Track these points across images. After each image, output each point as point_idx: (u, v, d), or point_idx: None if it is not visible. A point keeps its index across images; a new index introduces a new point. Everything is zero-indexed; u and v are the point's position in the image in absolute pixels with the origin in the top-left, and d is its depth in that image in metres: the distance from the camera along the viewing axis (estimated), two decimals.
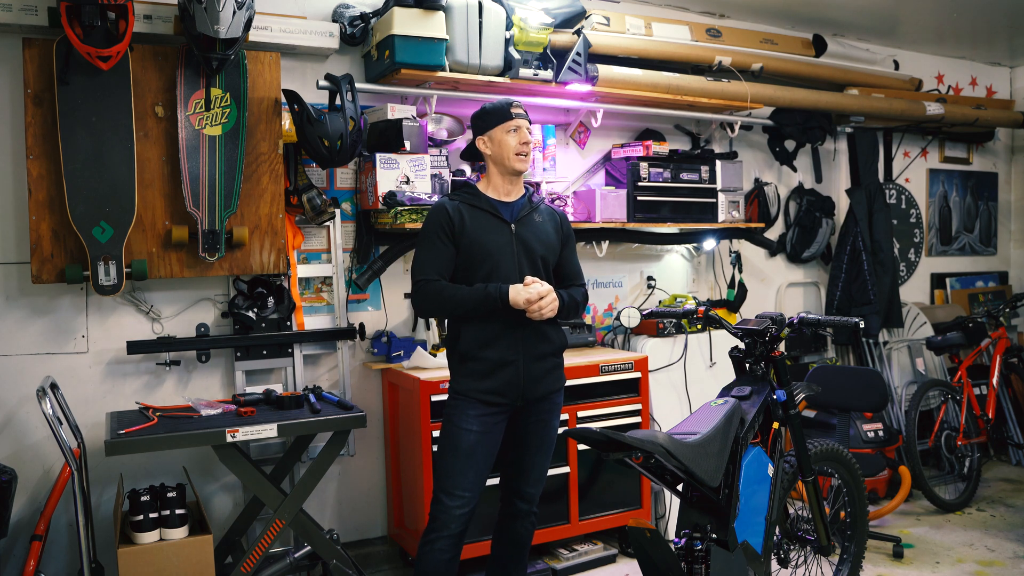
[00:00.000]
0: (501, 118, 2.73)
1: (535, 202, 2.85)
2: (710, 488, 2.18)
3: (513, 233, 2.72)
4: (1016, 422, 5.24)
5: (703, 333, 4.13)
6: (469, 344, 2.66)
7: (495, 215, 2.72)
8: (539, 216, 2.81)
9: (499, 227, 2.71)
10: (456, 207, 2.69)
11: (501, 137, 2.72)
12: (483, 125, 2.76)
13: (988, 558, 3.73)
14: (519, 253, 2.70)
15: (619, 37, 4.00)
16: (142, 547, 2.73)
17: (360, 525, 3.70)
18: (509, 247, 2.69)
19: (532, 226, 2.76)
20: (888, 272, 4.98)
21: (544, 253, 2.75)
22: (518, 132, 2.73)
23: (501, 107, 2.75)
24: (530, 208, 2.81)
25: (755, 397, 2.54)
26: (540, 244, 2.75)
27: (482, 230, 2.68)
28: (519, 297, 2.57)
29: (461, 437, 2.63)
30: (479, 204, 2.72)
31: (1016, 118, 5.64)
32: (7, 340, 3.07)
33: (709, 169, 4.25)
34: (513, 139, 2.72)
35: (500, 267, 2.66)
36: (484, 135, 2.76)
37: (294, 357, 3.43)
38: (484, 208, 2.72)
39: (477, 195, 2.76)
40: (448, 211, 2.67)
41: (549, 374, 2.75)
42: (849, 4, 4.54)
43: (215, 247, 3.13)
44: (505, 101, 2.77)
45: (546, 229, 2.80)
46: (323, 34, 3.39)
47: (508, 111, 2.74)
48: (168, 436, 2.67)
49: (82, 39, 2.79)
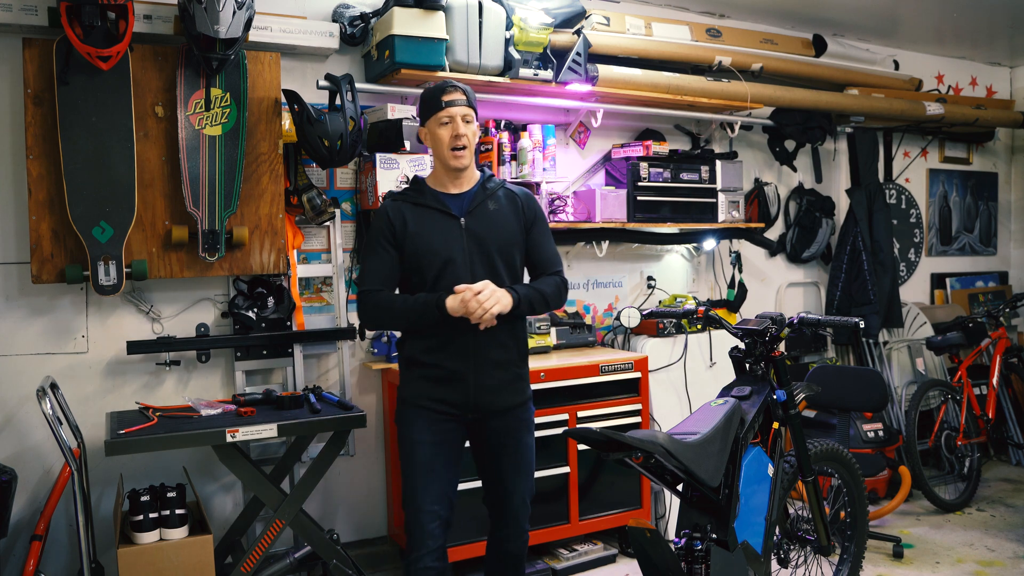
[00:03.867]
0: (432, 107, 2.43)
1: (490, 188, 2.54)
2: (710, 488, 2.18)
3: (463, 228, 2.46)
4: (1016, 422, 5.24)
5: (703, 333, 4.13)
6: (415, 348, 2.48)
7: (441, 210, 2.47)
8: (494, 204, 2.52)
9: (447, 223, 2.46)
10: (397, 208, 2.47)
11: (435, 130, 2.44)
12: (421, 115, 2.49)
13: (988, 558, 3.73)
14: (471, 250, 2.45)
15: (619, 37, 4.00)
16: (142, 547, 2.73)
17: (360, 525, 3.70)
18: (459, 244, 2.44)
19: (485, 217, 2.48)
20: (888, 272, 4.98)
21: (502, 246, 2.48)
22: (451, 124, 2.41)
23: (434, 94, 2.44)
24: (484, 196, 2.52)
25: (755, 397, 2.54)
26: (496, 236, 2.48)
27: (428, 230, 2.44)
28: (455, 305, 2.33)
29: (416, 451, 2.45)
30: (423, 201, 2.48)
31: (1016, 118, 5.64)
32: (7, 340, 3.07)
33: (709, 169, 4.25)
34: (445, 132, 2.42)
35: (451, 268, 2.43)
36: (423, 126, 2.49)
37: (294, 357, 3.43)
38: (429, 204, 2.47)
39: (422, 190, 2.51)
40: (388, 215, 2.47)
41: (509, 386, 2.50)
42: (849, 4, 4.54)
43: (215, 247, 3.13)
44: (439, 86, 2.46)
45: (503, 218, 2.51)
46: (323, 34, 3.39)
47: (439, 99, 2.42)
48: (168, 436, 2.67)
49: (82, 39, 2.79)
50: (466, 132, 2.43)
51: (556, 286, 2.55)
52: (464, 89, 2.47)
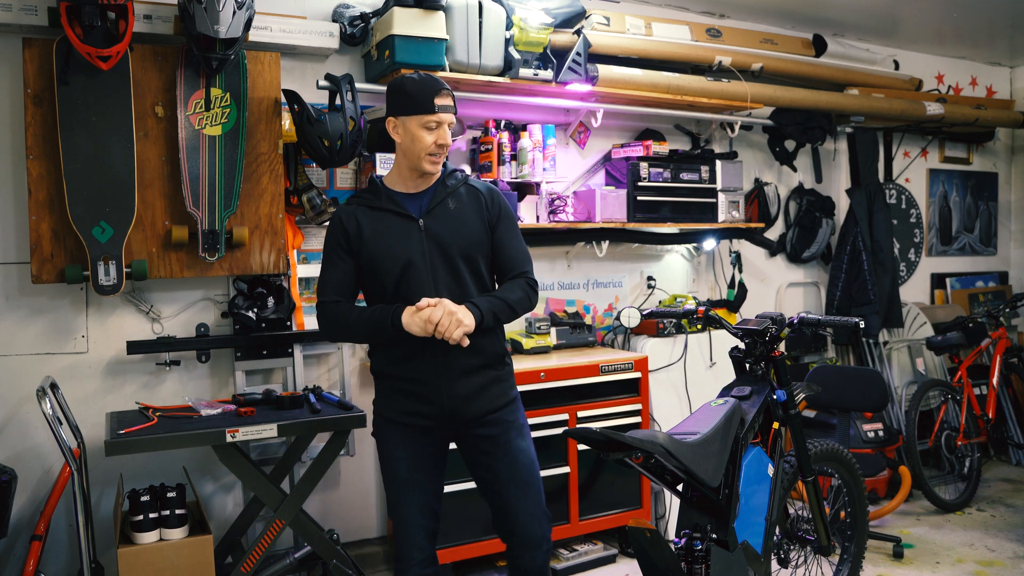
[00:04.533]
0: (421, 107, 2.27)
1: (450, 185, 2.39)
2: (710, 488, 2.18)
3: (422, 230, 2.32)
4: (1016, 422, 5.24)
5: (703, 333, 4.13)
6: (381, 360, 2.38)
7: (399, 213, 2.33)
8: (455, 202, 2.37)
9: (404, 227, 2.32)
10: (351, 213, 2.34)
11: (415, 130, 2.28)
12: (398, 106, 2.31)
13: (988, 558, 3.73)
14: (431, 253, 2.31)
15: (619, 37, 4.00)
16: (142, 547, 2.73)
17: (360, 525, 3.70)
18: (419, 247, 2.30)
19: (445, 217, 2.34)
20: (888, 272, 4.98)
21: (465, 248, 2.34)
22: (437, 130, 2.29)
23: (425, 92, 2.27)
24: (444, 193, 2.37)
25: (755, 397, 2.54)
26: (457, 238, 2.33)
27: (384, 234, 2.31)
28: (412, 325, 2.20)
29: (396, 466, 2.36)
30: (379, 203, 2.35)
31: (1016, 118, 5.64)
32: (7, 340, 3.07)
33: (709, 169, 4.25)
34: (429, 137, 2.28)
35: (412, 272, 2.29)
36: (397, 118, 2.32)
37: (294, 357, 3.43)
38: (385, 207, 2.34)
39: (377, 192, 2.37)
40: (342, 221, 2.33)
41: (485, 391, 2.35)
42: (849, 4, 4.54)
43: (215, 247, 3.13)
44: (432, 85, 2.29)
45: (465, 217, 2.36)
46: (323, 34, 3.39)
47: (431, 101, 2.26)
48: (168, 436, 2.66)
49: (82, 39, 2.79)
50: (448, 143, 2.32)
51: (523, 290, 2.38)
52: (453, 93, 2.35)
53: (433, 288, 2.29)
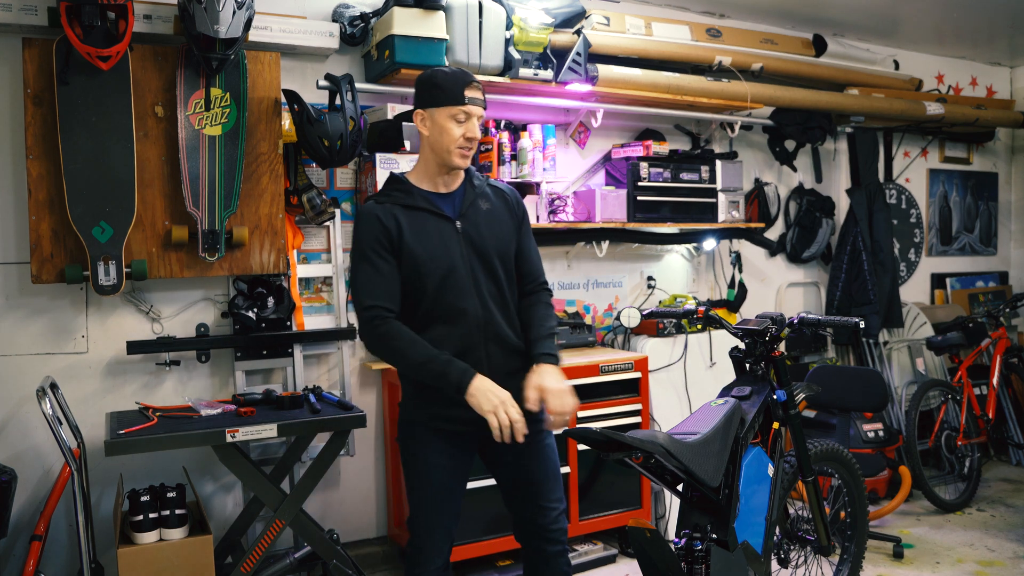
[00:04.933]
0: (450, 98, 2.20)
1: (477, 186, 2.34)
2: (710, 488, 2.18)
3: (460, 232, 2.25)
4: (1016, 422, 5.24)
5: (703, 333, 4.13)
6: None
7: (435, 212, 2.25)
8: (486, 203, 2.32)
9: (442, 228, 2.24)
10: (388, 211, 2.22)
11: (444, 122, 2.21)
12: (427, 98, 2.25)
13: (988, 558, 3.73)
14: (469, 256, 2.25)
15: (619, 37, 4.00)
16: (142, 547, 2.73)
17: (360, 525, 3.70)
18: (458, 250, 2.23)
19: (479, 218, 2.28)
20: (888, 272, 4.98)
21: (500, 250, 2.30)
22: (467, 122, 2.22)
23: (455, 83, 2.21)
24: (474, 193, 2.32)
25: (755, 397, 2.54)
26: (494, 239, 2.28)
27: (424, 236, 2.22)
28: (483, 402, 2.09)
29: (431, 473, 2.29)
30: (414, 203, 2.25)
31: (1016, 118, 5.64)
32: (7, 340, 3.07)
33: (709, 169, 4.25)
34: (458, 130, 2.21)
35: (453, 278, 2.22)
36: (425, 110, 2.25)
37: (294, 357, 3.43)
38: (421, 206, 2.25)
39: (410, 191, 2.27)
40: (380, 218, 2.21)
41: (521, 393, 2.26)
42: (849, 4, 4.54)
43: (215, 247, 3.13)
44: (462, 77, 2.24)
45: (497, 217, 2.32)
46: (323, 34, 3.39)
47: (461, 93, 2.20)
48: (168, 436, 2.66)
49: (82, 39, 2.79)
50: (477, 135, 2.24)
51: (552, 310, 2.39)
52: (482, 87, 2.28)
53: (475, 293, 2.24)
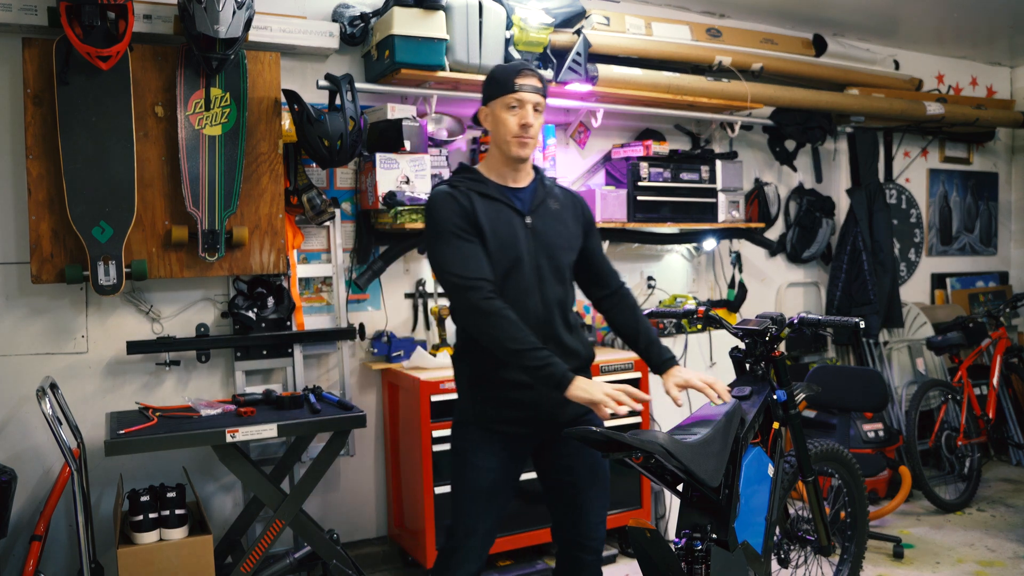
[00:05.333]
0: (502, 88, 2.19)
1: (547, 185, 2.33)
2: (710, 488, 2.18)
3: (529, 228, 2.22)
4: (1016, 422, 5.24)
5: (703, 333, 4.13)
6: (484, 364, 2.19)
7: (508, 204, 2.22)
8: (555, 203, 2.31)
9: (513, 220, 2.20)
10: (465, 194, 2.18)
11: (500, 113, 2.20)
12: (487, 93, 2.26)
13: (988, 558, 3.73)
14: (536, 252, 2.21)
15: (619, 37, 4.00)
16: (142, 547, 2.73)
17: (360, 525, 3.70)
18: (526, 245, 2.20)
19: (550, 216, 2.26)
20: (888, 272, 4.98)
21: (566, 250, 2.29)
22: (519, 109, 2.18)
23: (506, 73, 2.20)
24: (544, 193, 2.29)
25: (755, 397, 2.54)
26: (560, 239, 2.26)
27: (496, 224, 2.18)
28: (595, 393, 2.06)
29: (480, 477, 2.23)
30: (488, 191, 2.21)
31: (1016, 118, 5.64)
32: (7, 340, 3.07)
33: (709, 169, 4.25)
34: (512, 119, 2.18)
35: (518, 272, 2.18)
36: (487, 106, 2.25)
37: (294, 357, 3.43)
38: (494, 196, 2.21)
39: (483, 180, 2.24)
40: (456, 198, 2.17)
41: None
42: (849, 4, 4.54)
43: (215, 247, 3.13)
44: (514, 66, 2.23)
45: (565, 218, 2.30)
46: (323, 34, 3.39)
47: (511, 81, 2.18)
48: (168, 436, 2.67)
49: (82, 39, 2.79)
50: (535, 123, 2.20)
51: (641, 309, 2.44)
52: (540, 76, 2.23)
53: (537, 290, 2.21)
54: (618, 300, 2.43)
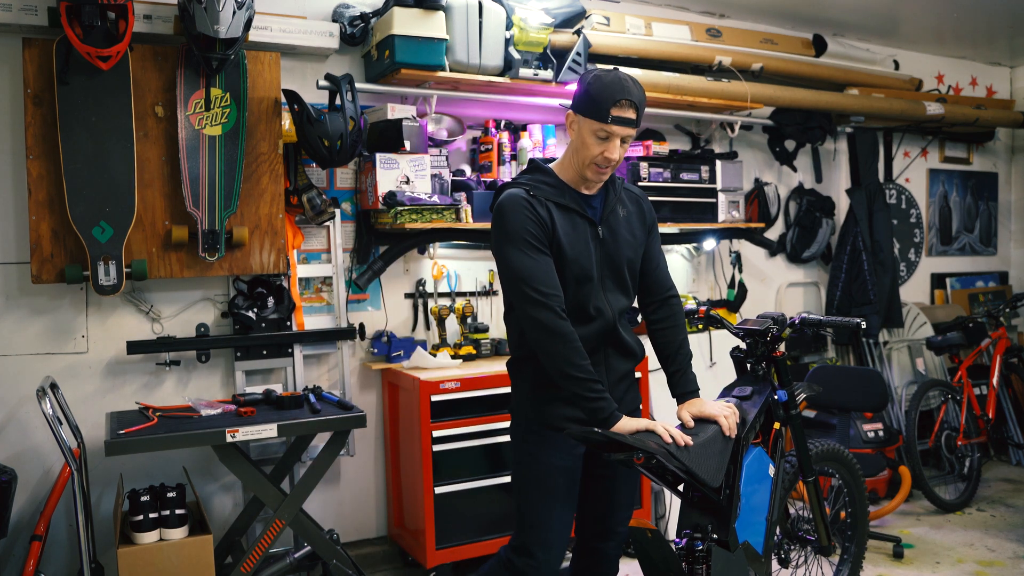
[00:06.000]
0: (596, 113, 2.08)
1: (618, 188, 2.28)
2: (711, 488, 2.18)
3: (599, 238, 2.18)
4: (1016, 422, 5.24)
5: (703, 333, 4.13)
6: None
7: (581, 214, 2.17)
8: (624, 209, 2.25)
9: (584, 229, 2.16)
10: (542, 204, 2.12)
11: (587, 135, 2.11)
12: (579, 104, 2.14)
13: (988, 558, 3.73)
14: (603, 261, 2.18)
15: (619, 37, 4.00)
16: (142, 547, 2.73)
17: (360, 525, 3.70)
18: (594, 255, 2.17)
19: (617, 225, 2.22)
20: (888, 272, 4.98)
21: (631, 258, 2.24)
22: (608, 142, 2.10)
23: (604, 98, 2.06)
24: (615, 198, 2.24)
25: (756, 397, 2.54)
26: (627, 249, 2.22)
27: (572, 235, 2.14)
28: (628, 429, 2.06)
29: (554, 478, 2.18)
30: (565, 201, 2.15)
31: (1016, 118, 5.64)
32: (7, 340, 3.07)
33: (709, 169, 4.25)
34: (598, 147, 2.10)
35: (587, 280, 2.16)
36: (575, 114, 2.15)
37: (294, 357, 3.43)
38: (570, 206, 2.16)
39: (560, 188, 2.17)
40: (534, 206, 2.10)
41: (628, 392, 2.31)
42: (849, 4, 4.54)
43: (215, 247, 3.13)
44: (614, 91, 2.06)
45: (632, 226, 2.25)
46: (323, 34, 3.39)
47: (607, 110, 2.06)
48: (168, 436, 2.66)
49: (82, 39, 2.79)
50: (619, 156, 2.12)
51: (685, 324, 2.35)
52: (637, 104, 2.09)
53: (604, 298, 2.19)
54: (666, 315, 2.36)
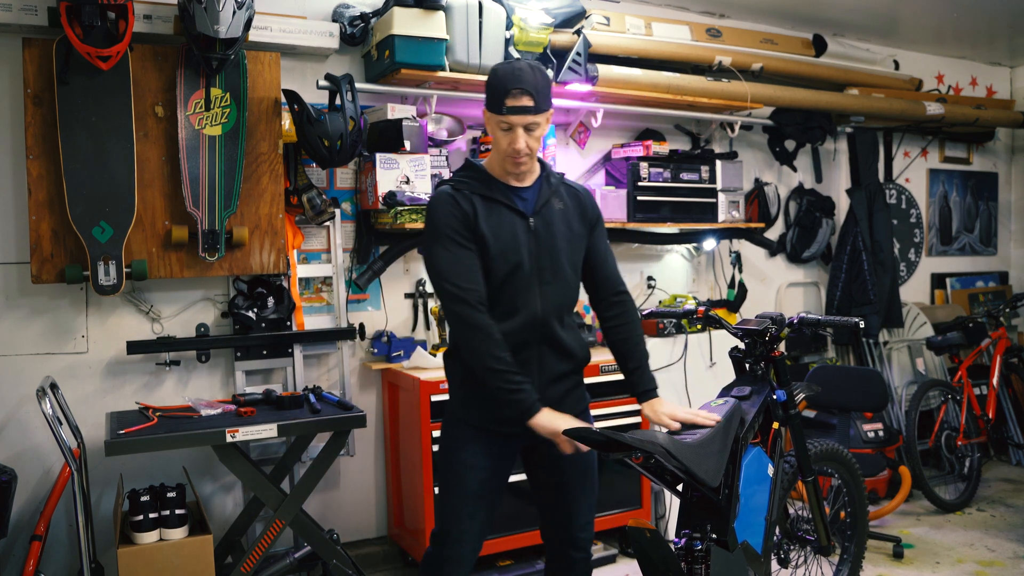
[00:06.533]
0: (492, 104, 2.11)
1: (553, 183, 2.27)
2: (710, 488, 2.18)
3: (532, 230, 2.18)
4: (1016, 422, 5.24)
5: (703, 333, 4.13)
6: None
7: (511, 207, 2.18)
8: (560, 202, 2.25)
9: (515, 223, 2.17)
10: (466, 197, 2.15)
11: (493, 129, 2.14)
12: (486, 100, 2.17)
13: (988, 558, 3.73)
14: (537, 255, 2.18)
15: (619, 37, 4.00)
16: (142, 547, 2.73)
17: (360, 525, 3.70)
18: (527, 248, 2.17)
19: (553, 218, 2.22)
20: (888, 272, 4.98)
21: (569, 252, 2.25)
22: (510, 133, 2.10)
23: (497, 89, 2.09)
24: (549, 192, 2.24)
25: (755, 397, 2.54)
26: (563, 242, 2.23)
27: (498, 227, 2.15)
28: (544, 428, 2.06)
29: (469, 476, 2.22)
30: (492, 194, 2.17)
31: (1016, 118, 5.64)
32: (7, 340, 3.07)
33: (709, 169, 4.25)
34: (504, 140, 2.12)
35: (518, 276, 2.16)
36: (485, 110, 2.18)
37: (294, 357, 3.43)
38: (497, 198, 2.17)
39: (488, 181, 2.19)
40: (458, 201, 2.14)
41: (569, 394, 2.29)
42: (849, 4, 4.54)
43: (215, 247, 3.13)
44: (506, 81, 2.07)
45: (569, 219, 2.25)
46: (323, 34, 3.39)
47: (501, 103, 2.08)
48: (168, 436, 2.67)
49: (82, 39, 2.79)
50: (527, 144, 2.11)
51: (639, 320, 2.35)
52: (532, 91, 2.07)
53: (537, 292, 2.19)
54: (618, 312, 2.36)
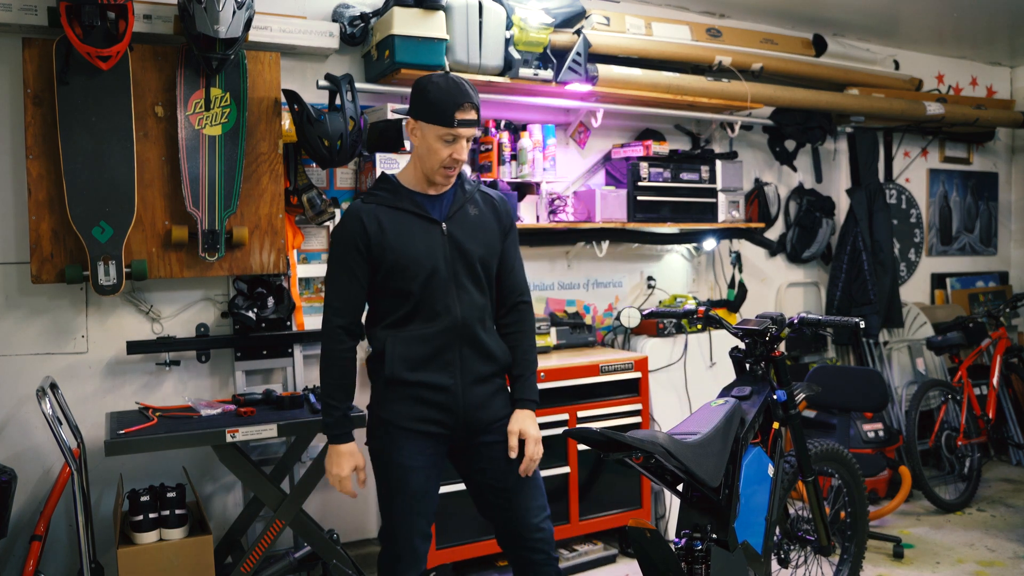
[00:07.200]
0: (439, 118, 2.17)
1: (468, 190, 2.36)
2: (710, 488, 2.18)
3: (445, 235, 2.27)
4: (1016, 422, 5.24)
5: (703, 333, 4.13)
6: (396, 366, 2.27)
7: (421, 215, 2.27)
8: (475, 208, 2.33)
9: (427, 229, 2.26)
10: (372, 213, 2.24)
11: (432, 140, 2.20)
12: (418, 110, 2.22)
13: (988, 558, 3.73)
14: (453, 259, 2.26)
15: (619, 37, 4.00)
16: (142, 547, 2.73)
17: (360, 525, 3.70)
18: (442, 252, 2.25)
19: (467, 223, 2.30)
20: (888, 272, 4.98)
21: (484, 256, 2.32)
22: (454, 144, 2.20)
23: (447, 104, 2.16)
24: (463, 199, 2.33)
25: (755, 397, 2.54)
26: (478, 246, 2.30)
27: (408, 237, 2.24)
28: (332, 467, 2.33)
29: (407, 476, 2.28)
30: (400, 204, 2.26)
31: (1016, 118, 5.64)
32: (7, 340, 3.07)
33: (709, 169, 4.25)
34: (445, 151, 2.20)
35: (435, 280, 2.24)
36: (416, 122, 2.23)
37: (294, 357, 3.43)
38: (406, 208, 2.26)
39: (397, 191, 2.29)
40: (363, 221, 2.23)
41: (494, 398, 2.34)
42: (849, 4, 4.54)
43: (215, 247, 3.13)
44: (456, 97, 2.17)
45: (485, 224, 2.33)
46: (323, 34, 3.39)
47: (452, 116, 2.16)
48: (168, 436, 2.67)
49: (82, 39, 2.79)
50: (463, 158, 2.24)
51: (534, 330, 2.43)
52: (476, 105, 2.22)
53: (455, 296, 2.27)
54: (514, 319, 2.42)
